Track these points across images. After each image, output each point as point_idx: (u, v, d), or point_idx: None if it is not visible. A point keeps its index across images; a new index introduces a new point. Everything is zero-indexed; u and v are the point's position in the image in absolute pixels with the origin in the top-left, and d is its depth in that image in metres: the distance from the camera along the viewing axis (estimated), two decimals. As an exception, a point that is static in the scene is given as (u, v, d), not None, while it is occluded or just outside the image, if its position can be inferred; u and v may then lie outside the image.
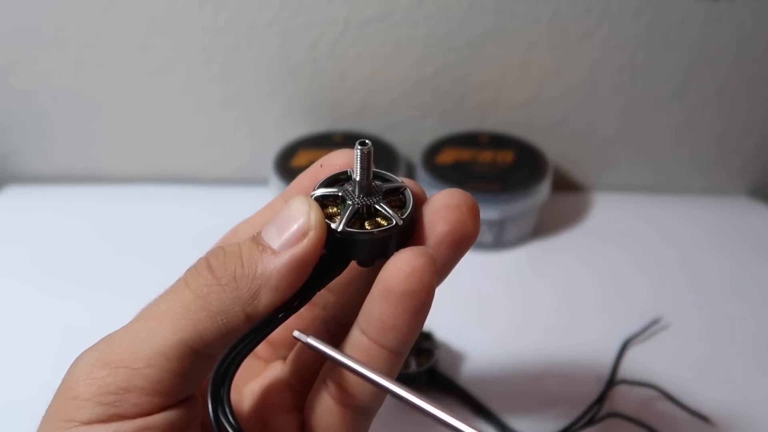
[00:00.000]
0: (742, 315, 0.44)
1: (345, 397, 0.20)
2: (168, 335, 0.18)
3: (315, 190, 0.20)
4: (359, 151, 0.19)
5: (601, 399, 0.36)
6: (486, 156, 0.52)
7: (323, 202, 0.20)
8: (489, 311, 0.44)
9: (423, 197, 0.20)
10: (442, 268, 0.19)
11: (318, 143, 0.54)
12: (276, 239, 0.19)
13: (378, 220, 0.19)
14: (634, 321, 0.42)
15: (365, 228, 0.19)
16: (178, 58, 0.52)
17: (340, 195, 0.20)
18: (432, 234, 0.19)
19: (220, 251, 0.19)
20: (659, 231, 0.53)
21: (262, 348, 0.25)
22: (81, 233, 0.52)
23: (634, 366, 0.39)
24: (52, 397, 0.18)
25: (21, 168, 0.59)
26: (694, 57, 0.51)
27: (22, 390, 0.36)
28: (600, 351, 0.40)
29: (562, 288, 0.46)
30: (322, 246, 0.19)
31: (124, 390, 0.17)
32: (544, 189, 0.50)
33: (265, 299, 0.18)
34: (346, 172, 0.21)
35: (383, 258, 0.19)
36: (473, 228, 0.19)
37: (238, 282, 0.18)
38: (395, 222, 0.19)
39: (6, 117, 0.55)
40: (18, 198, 0.57)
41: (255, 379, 0.24)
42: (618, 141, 0.56)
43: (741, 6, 0.48)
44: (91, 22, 0.50)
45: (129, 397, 0.17)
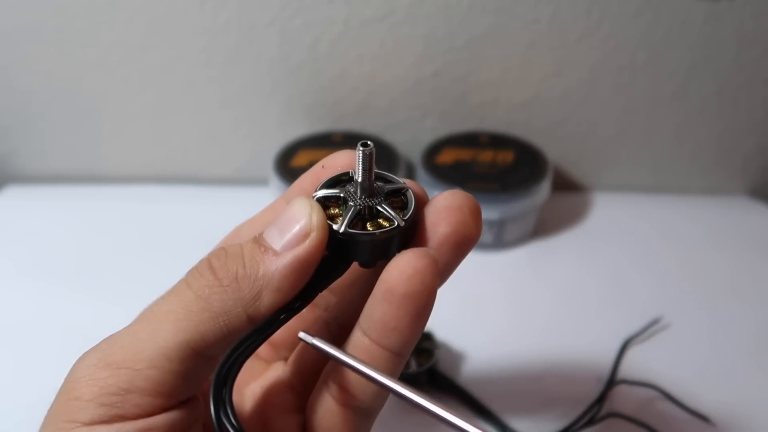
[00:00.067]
0: (742, 315, 0.44)
1: (346, 398, 0.20)
2: (170, 336, 0.18)
3: (317, 191, 0.20)
4: (361, 152, 0.19)
5: (601, 399, 0.36)
6: (486, 156, 0.52)
7: (325, 203, 0.20)
8: (489, 311, 0.44)
9: (425, 198, 0.20)
10: (443, 269, 0.19)
11: (318, 143, 0.54)
12: (278, 240, 0.19)
13: (380, 221, 0.19)
14: (634, 321, 0.42)
15: (367, 229, 0.19)
16: (178, 58, 0.52)
17: (342, 196, 0.20)
18: (434, 235, 0.19)
19: (221, 252, 0.19)
20: (659, 231, 0.53)
21: (263, 349, 0.25)
22: (81, 233, 0.52)
23: (634, 366, 0.39)
24: (53, 398, 0.18)
25: (21, 168, 0.59)
26: (694, 57, 0.51)
27: (22, 390, 0.36)
28: (600, 351, 0.40)
29: (562, 288, 0.46)
30: (324, 247, 0.19)
31: (125, 391, 0.17)
32: (544, 189, 0.50)
33: (267, 300, 0.18)
34: (348, 173, 0.21)
35: (385, 259, 0.19)
36: (475, 229, 0.19)
37: (240, 283, 0.18)
38: (397, 223, 0.19)
39: (6, 117, 0.55)
40: (18, 198, 0.57)
41: (256, 380, 0.24)
42: (618, 141, 0.56)
43: (741, 6, 0.48)
44: (91, 22, 0.50)
45: (131, 398, 0.17)
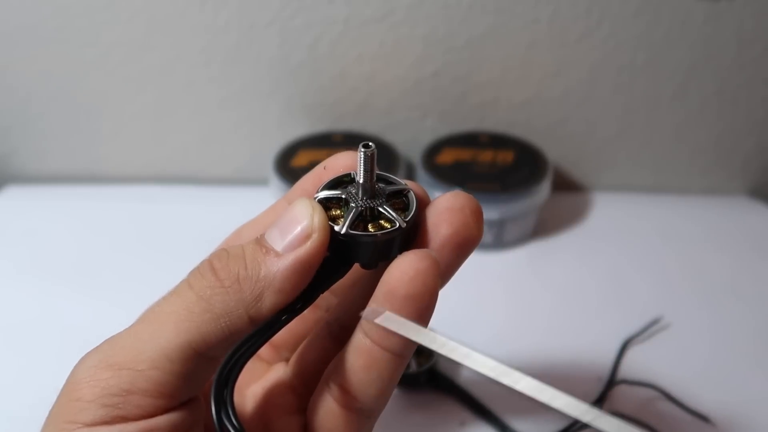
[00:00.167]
0: (742, 315, 0.44)
1: (348, 400, 0.20)
2: (171, 337, 0.18)
3: (318, 192, 0.20)
4: (363, 154, 0.19)
5: (601, 399, 0.36)
6: (486, 156, 0.52)
7: (326, 204, 0.20)
8: (489, 311, 0.44)
9: (426, 200, 0.20)
10: (445, 271, 0.19)
11: (318, 143, 0.54)
12: (279, 241, 0.19)
13: (381, 222, 0.19)
14: (634, 321, 0.42)
15: (368, 230, 0.19)
16: (178, 58, 0.52)
17: (343, 197, 0.20)
18: (435, 237, 0.19)
19: (223, 253, 0.19)
20: (659, 231, 0.53)
21: (264, 350, 0.25)
22: (81, 233, 0.52)
23: (634, 366, 0.39)
24: (54, 399, 0.18)
25: (21, 168, 0.59)
26: (694, 57, 0.51)
27: (23, 391, 0.36)
28: (600, 351, 0.40)
29: (562, 288, 0.46)
30: (325, 248, 0.19)
31: (127, 392, 0.17)
32: (544, 189, 0.50)
33: (269, 301, 0.18)
34: (349, 174, 0.21)
35: (386, 261, 0.19)
36: (477, 231, 0.19)
37: (241, 284, 0.18)
38: (398, 224, 0.19)
39: (6, 117, 0.55)
40: (18, 198, 0.57)
41: (258, 381, 0.24)
42: (618, 141, 0.56)
43: (741, 6, 0.48)
44: (91, 22, 0.50)
45: (132, 399, 0.17)
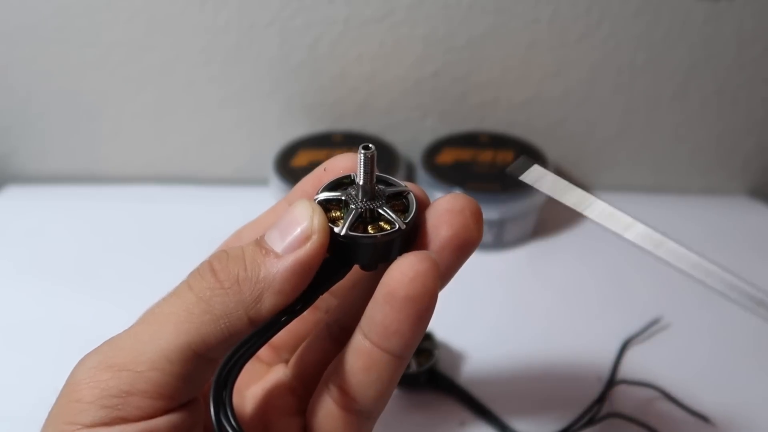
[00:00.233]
0: (742, 315, 0.43)
1: (347, 401, 0.20)
2: (171, 338, 0.18)
3: (318, 193, 0.20)
4: (362, 155, 0.19)
5: (601, 399, 0.36)
6: (486, 156, 0.52)
7: (327, 206, 0.20)
8: (489, 311, 0.44)
9: (426, 201, 0.20)
10: (445, 272, 0.19)
11: (318, 143, 0.54)
12: (279, 243, 0.19)
13: (381, 224, 0.19)
14: (634, 321, 0.42)
15: (368, 232, 0.19)
16: (178, 58, 0.52)
17: (343, 199, 0.20)
18: (435, 238, 0.19)
19: (223, 254, 0.19)
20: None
21: (264, 351, 0.25)
22: (81, 233, 0.52)
23: (634, 366, 0.39)
24: (54, 400, 0.18)
25: (21, 168, 0.59)
26: (694, 57, 0.51)
27: (23, 391, 0.36)
28: (600, 351, 0.40)
29: (562, 288, 0.46)
30: (325, 250, 0.19)
31: (127, 393, 0.17)
32: (544, 189, 0.50)
33: (268, 303, 0.18)
34: (349, 176, 0.21)
35: (386, 262, 0.19)
36: (476, 233, 0.19)
37: (241, 285, 0.18)
38: (398, 226, 0.19)
39: (6, 117, 0.55)
40: (18, 198, 0.57)
41: (257, 383, 0.24)
42: (618, 141, 0.56)
43: (741, 6, 0.48)
44: (91, 22, 0.50)
45: (132, 400, 0.17)
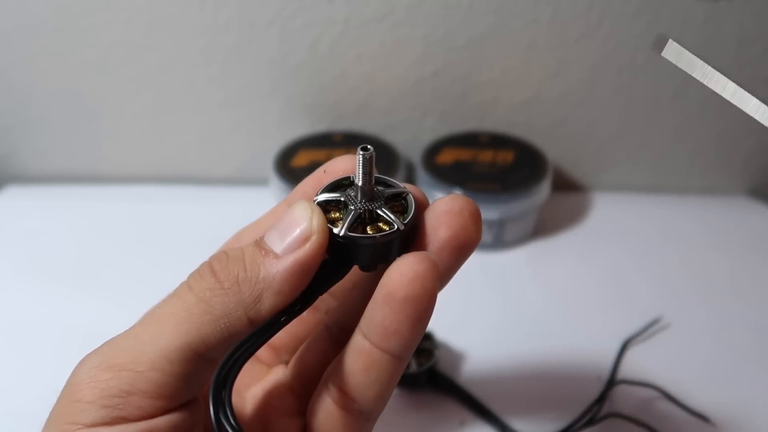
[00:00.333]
0: (742, 315, 0.44)
1: (347, 402, 0.20)
2: (171, 339, 0.18)
3: (318, 195, 0.20)
4: (361, 156, 0.19)
5: (601, 399, 0.36)
6: (486, 156, 0.52)
7: (326, 207, 0.20)
8: (489, 311, 0.44)
9: (425, 203, 0.21)
10: (444, 273, 0.19)
11: (318, 143, 0.54)
12: (279, 243, 0.19)
13: (380, 225, 0.19)
14: (634, 321, 0.42)
15: (367, 233, 0.19)
16: (178, 58, 0.52)
17: (342, 200, 0.20)
18: (434, 239, 0.19)
19: (223, 255, 0.19)
20: (659, 231, 0.53)
21: (264, 352, 0.25)
22: (81, 233, 0.52)
23: (634, 366, 0.39)
24: (55, 400, 0.18)
25: (21, 168, 0.59)
26: (694, 57, 0.51)
27: (23, 391, 0.36)
28: (600, 351, 0.40)
29: (562, 288, 0.46)
30: (324, 250, 0.19)
31: (127, 393, 0.17)
32: (544, 189, 0.50)
33: (268, 303, 0.18)
34: (349, 177, 0.21)
35: (385, 263, 0.19)
36: (475, 234, 0.19)
37: (240, 286, 0.18)
38: (397, 227, 0.19)
39: (6, 117, 0.55)
40: (18, 198, 0.57)
41: (257, 384, 0.24)
42: (618, 141, 0.56)
43: (741, 6, 0.48)
44: (91, 22, 0.50)
45: (132, 400, 0.17)
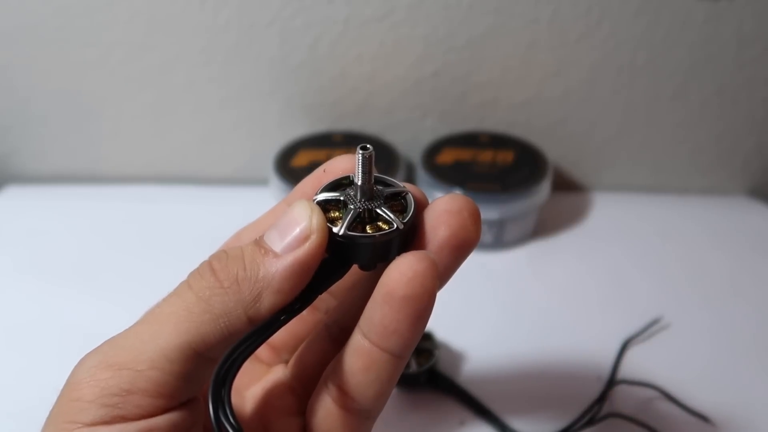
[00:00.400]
0: (742, 315, 0.44)
1: (346, 401, 0.20)
2: (171, 338, 0.18)
3: (317, 194, 0.20)
4: (360, 156, 0.19)
5: (601, 399, 0.36)
6: (486, 156, 0.52)
7: (326, 206, 0.20)
8: (489, 311, 0.44)
9: (424, 202, 0.21)
10: (443, 272, 0.19)
11: (318, 143, 0.54)
12: (278, 242, 0.19)
13: (379, 224, 0.19)
14: (634, 321, 0.42)
15: (366, 232, 0.19)
16: (178, 57, 0.52)
17: (342, 199, 0.20)
18: (433, 238, 0.19)
19: (222, 254, 0.19)
20: (659, 231, 0.53)
21: (264, 352, 0.25)
22: (81, 233, 0.52)
23: (634, 366, 0.39)
24: (55, 399, 0.18)
25: (21, 168, 0.59)
26: (694, 57, 0.51)
27: (23, 391, 0.37)
28: (600, 351, 0.40)
29: (562, 288, 0.46)
30: (323, 249, 0.19)
31: (127, 392, 0.17)
32: (544, 189, 0.50)
33: (267, 302, 0.18)
34: (349, 177, 0.21)
35: (385, 262, 0.19)
36: (474, 233, 0.19)
37: (240, 285, 0.18)
38: (396, 226, 0.19)
39: (6, 117, 0.55)
40: (18, 198, 0.57)
41: (257, 383, 0.24)
42: (618, 141, 0.56)
43: (741, 6, 0.48)
44: (91, 22, 0.50)
45: (132, 399, 0.17)
